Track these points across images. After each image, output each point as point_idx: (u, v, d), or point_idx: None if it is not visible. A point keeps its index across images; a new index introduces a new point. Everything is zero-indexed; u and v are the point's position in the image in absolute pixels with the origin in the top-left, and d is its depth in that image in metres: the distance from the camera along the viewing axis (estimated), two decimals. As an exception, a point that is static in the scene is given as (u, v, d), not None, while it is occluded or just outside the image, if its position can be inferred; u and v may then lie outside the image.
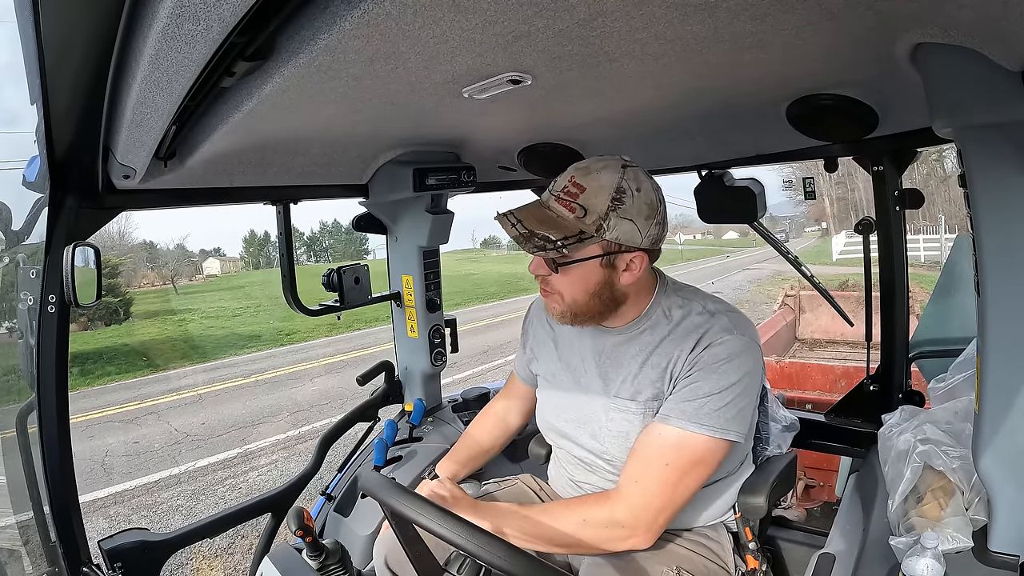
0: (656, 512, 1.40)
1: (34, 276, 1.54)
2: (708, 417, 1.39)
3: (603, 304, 1.51)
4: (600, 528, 1.43)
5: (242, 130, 1.33)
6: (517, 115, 1.61)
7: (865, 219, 2.14)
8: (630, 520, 1.41)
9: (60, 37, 0.95)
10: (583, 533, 1.43)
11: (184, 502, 6.50)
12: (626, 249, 1.44)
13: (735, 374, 1.42)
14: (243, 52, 0.90)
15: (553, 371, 1.74)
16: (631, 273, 1.47)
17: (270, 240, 72.49)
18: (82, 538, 1.66)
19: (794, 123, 1.60)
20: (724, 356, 1.42)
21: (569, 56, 1.07)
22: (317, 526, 2.31)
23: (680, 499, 1.42)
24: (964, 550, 1.35)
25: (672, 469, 1.40)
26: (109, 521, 6.02)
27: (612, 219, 1.40)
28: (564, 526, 1.44)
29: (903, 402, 2.14)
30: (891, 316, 2.21)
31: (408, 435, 2.54)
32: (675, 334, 1.50)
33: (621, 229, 1.41)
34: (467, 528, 1.14)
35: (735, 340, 1.44)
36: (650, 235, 1.44)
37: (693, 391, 1.42)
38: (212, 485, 6.95)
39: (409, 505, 1.21)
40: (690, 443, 1.39)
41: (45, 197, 1.49)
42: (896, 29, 0.99)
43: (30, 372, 1.57)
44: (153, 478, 7.28)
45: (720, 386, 1.41)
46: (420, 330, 2.68)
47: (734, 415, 1.41)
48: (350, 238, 74.13)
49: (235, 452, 8.05)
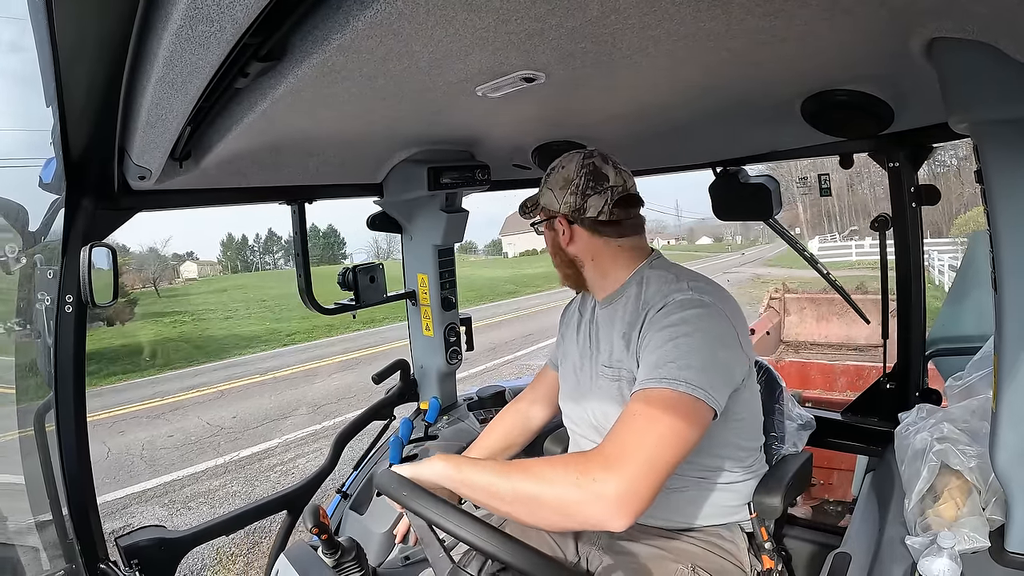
0: (630, 458, 1.23)
1: (51, 276, 1.55)
2: (663, 369, 1.35)
3: (567, 265, 1.75)
4: (568, 485, 1.22)
5: (256, 130, 1.34)
6: (531, 113, 1.61)
7: (881, 216, 2.12)
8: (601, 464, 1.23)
9: (74, 39, 0.96)
10: (549, 489, 1.24)
11: (240, 488, 6.70)
12: (551, 215, 1.71)
13: (686, 327, 1.42)
14: (257, 53, 0.90)
15: (567, 351, 1.84)
16: (565, 237, 1.69)
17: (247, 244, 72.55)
18: (99, 535, 1.68)
19: (809, 119, 1.59)
20: (676, 312, 1.46)
21: (582, 54, 1.06)
22: (333, 524, 2.32)
23: (655, 448, 1.25)
24: (981, 550, 1.33)
25: (641, 418, 1.30)
26: (168, 509, 6.21)
27: (542, 190, 1.72)
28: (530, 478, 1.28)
29: (920, 400, 2.11)
30: (908, 313, 2.19)
31: (424, 433, 2.55)
32: (642, 302, 1.59)
33: (545, 198, 1.70)
34: (482, 528, 1.14)
35: (690, 299, 1.49)
36: (566, 202, 1.65)
37: (648, 352, 1.45)
38: (263, 472, 7.18)
39: (423, 504, 1.21)
40: (655, 397, 1.32)
41: (61, 198, 1.50)
42: (911, 23, 0.98)
43: (47, 371, 1.59)
44: (199, 468, 7.48)
45: (667, 338, 1.41)
46: (435, 328, 2.68)
47: (688, 367, 1.34)
48: (326, 242, 74.34)
49: (275, 442, 8.32)
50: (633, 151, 2.18)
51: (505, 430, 2.01)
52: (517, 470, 1.32)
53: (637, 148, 2.18)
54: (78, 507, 1.63)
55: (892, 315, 2.25)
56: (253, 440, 8.47)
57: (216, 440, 8.65)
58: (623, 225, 1.67)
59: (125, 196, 1.62)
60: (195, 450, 8.27)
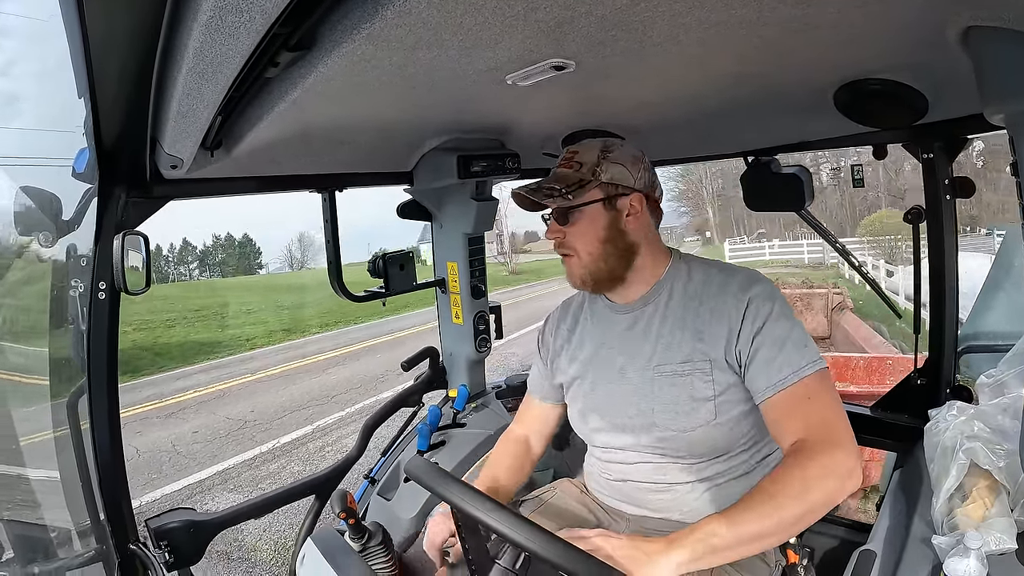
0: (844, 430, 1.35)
1: (84, 264, 1.58)
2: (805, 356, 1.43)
3: (617, 253, 1.60)
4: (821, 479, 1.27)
5: (287, 119, 1.34)
6: (561, 101, 1.60)
7: (915, 208, 2.08)
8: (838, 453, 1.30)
9: (105, 31, 0.97)
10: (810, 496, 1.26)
11: (301, 467, 7.03)
12: (623, 191, 1.57)
13: (789, 310, 1.52)
14: (286, 43, 0.91)
15: (581, 372, 1.74)
16: (635, 217, 1.59)
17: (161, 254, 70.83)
18: (130, 517, 1.71)
19: (842, 109, 1.56)
20: (775, 299, 1.51)
21: (612, 42, 1.06)
22: (360, 509, 2.34)
23: (843, 418, 1.38)
24: (1008, 552, 1.31)
25: (818, 400, 1.40)
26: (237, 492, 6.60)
27: (604, 164, 1.57)
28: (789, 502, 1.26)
29: (951, 397, 2.08)
30: (940, 308, 2.15)
31: (452, 421, 2.57)
32: (697, 291, 1.59)
33: (613, 171, 1.57)
34: (513, 518, 1.14)
35: (764, 285, 1.55)
36: (641, 178, 1.59)
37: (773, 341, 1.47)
38: (315, 453, 7.53)
39: (454, 492, 1.21)
40: (812, 381, 1.42)
41: (94, 187, 1.52)
42: (946, 12, 0.96)
43: (80, 357, 1.62)
44: (247, 456, 7.74)
45: (788, 328, 1.47)
46: (465, 316, 2.69)
47: (811, 345, 1.47)
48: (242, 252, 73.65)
49: (310, 428, 8.62)
50: (664, 139, 2.17)
51: (518, 464, 1.87)
52: (770, 504, 1.25)
53: (668, 136, 2.16)
54: (110, 490, 1.66)
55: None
56: (286, 429, 8.69)
57: (246, 432, 8.82)
58: (660, 210, 1.69)
59: (157, 185, 1.64)
60: (230, 442, 8.43)
